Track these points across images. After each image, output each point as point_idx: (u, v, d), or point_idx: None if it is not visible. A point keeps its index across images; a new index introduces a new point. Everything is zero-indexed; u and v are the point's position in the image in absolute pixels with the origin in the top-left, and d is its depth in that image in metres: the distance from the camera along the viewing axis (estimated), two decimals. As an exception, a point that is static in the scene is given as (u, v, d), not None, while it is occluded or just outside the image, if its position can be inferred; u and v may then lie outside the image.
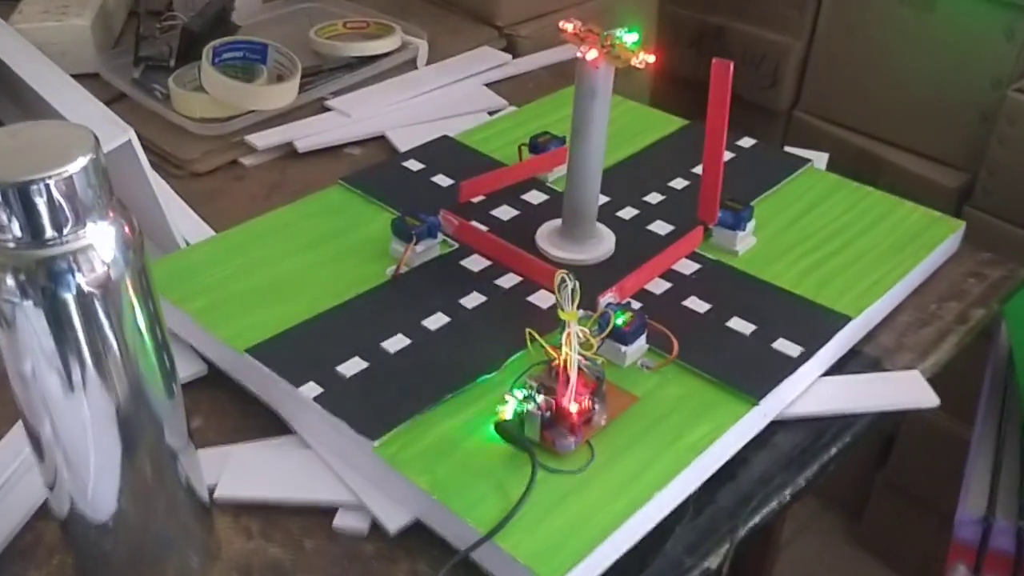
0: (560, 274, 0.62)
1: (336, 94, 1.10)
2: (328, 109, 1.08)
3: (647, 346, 0.70)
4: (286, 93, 1.04)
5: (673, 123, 1.02)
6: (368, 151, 1.04)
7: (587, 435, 0.63)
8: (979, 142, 1.41)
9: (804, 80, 1.58)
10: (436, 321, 0.73)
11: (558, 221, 0.83)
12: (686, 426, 0.65)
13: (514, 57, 1.21)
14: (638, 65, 0.71)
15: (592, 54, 0.71)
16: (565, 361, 0.62)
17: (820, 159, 0.98)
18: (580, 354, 0.62)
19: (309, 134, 1.03)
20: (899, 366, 0.76)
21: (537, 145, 0.91)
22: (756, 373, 0.69)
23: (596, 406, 0.64)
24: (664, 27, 1.55)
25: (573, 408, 0.62)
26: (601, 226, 0.82)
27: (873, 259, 0.82)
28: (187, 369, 0.72)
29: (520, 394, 0.63)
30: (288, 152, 1.03)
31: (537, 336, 0.64)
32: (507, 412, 0.63)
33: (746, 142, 0.99)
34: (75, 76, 0.92)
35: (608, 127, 0.76)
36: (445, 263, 0.80)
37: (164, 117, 1.03)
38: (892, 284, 0.79)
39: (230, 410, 0.71)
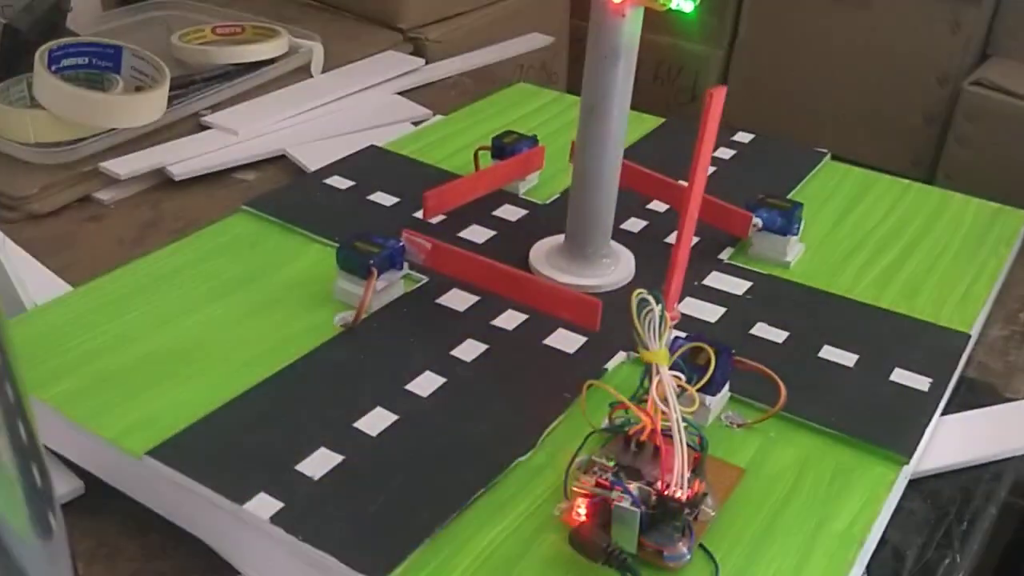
0: (639, 293, 0.41)
1: (214, 109, 0.86)
2: (206, 127, 0.84)
3: (730, 394, 0.50)
4: (152, 105, 0.80)
5: (647, 121, 0.84)
6: (266, 175, 0.81)
7: (699, 534, 0.42)
8: (926, 145, 1.29)
9: (727, 92, 1.44)
10: (426, 383, 0.50)
11: (557, 239, 0.62)
12: (826, 506, 0.45)
13: (426, 63, 1.00)
14: (681, 4, 0.51)
15: (621, -6, 0.51)
16: (660, 425, 0.41)
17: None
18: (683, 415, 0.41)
19: (187, 157, 0.79)
20: (1021, 393, 0.59)
21: (503, 147, 0.70)
22: (889, 419, 0.49)
23: (703, 490, 0.43)
24: (572, 39, 1.38)
25: (684, 496, 0.40)
26: (614, 243, 0.62)
27: (951, 262, 0.65)
28: (51, 489, 0.47)
29: (597, 481, 0.41)
30: (161, 181, 0.78)
31: (608, 389, 0.43)
32: (577, 512, 0.41)
33: (743, 136, 0.81)
34: None
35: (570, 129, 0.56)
36: (416, 302, 0.57)
37: (-14, 144, 0.76)
38: (988, 289, 0.62)
39: (126, 547, 0.46)
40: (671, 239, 0.65)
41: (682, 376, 0.43)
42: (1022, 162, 1.15)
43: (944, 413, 0.54)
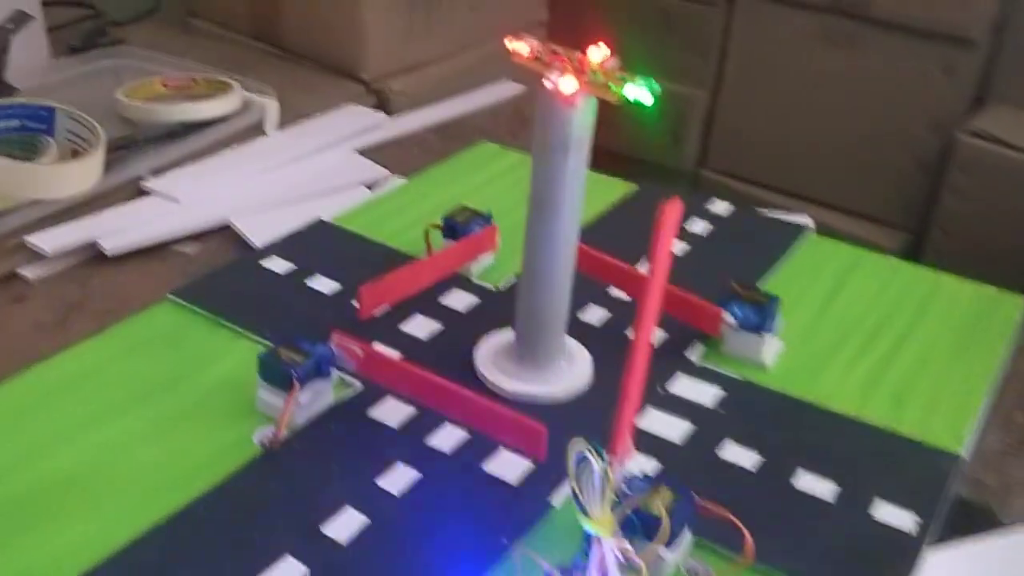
0: (576, 445, 0.36)
1: (157, 172, 0.80)
2: (147, 193, 0.78)
3: (693, 538, 0.44)
4: (86, 173, 0.74)
5: (615, 187, 0.78)
6: (209, 247, 0.75)
7: None
8: (919, 195, 1.23)
9: (711, 134, 1.39)
10: (346, 524, 0.44)
11: (504, 335, 0.56)
12: None
13: (389, 115, 0.95)
14: (639, 96, 0.46)
15: (568, 83, 0.46)
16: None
17: (800, 220, 0.76)
18: (625, 588, 0.36)
19: (121, 228, 0.73)
20: (1019, 514, 0.53)
21: (455, 226, 0.64)
22: (870, 566, 0.44)
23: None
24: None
25: None
26: (570, 341, 0.56)
27: (944, 360, 0.59)
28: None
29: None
30: (92, 256, 0.73)
31: (536, 559, 0.37)
32: None
33: (720, 207, 0.75)
34: None
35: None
36: (347, 415, 0.52)
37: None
38: (982, 395, 0.56)
39: None
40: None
41: (629, 547, 0.37)
42: (1020, 215, 1.10)
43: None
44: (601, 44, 0.49)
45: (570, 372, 0.55)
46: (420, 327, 0.59)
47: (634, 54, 1.32)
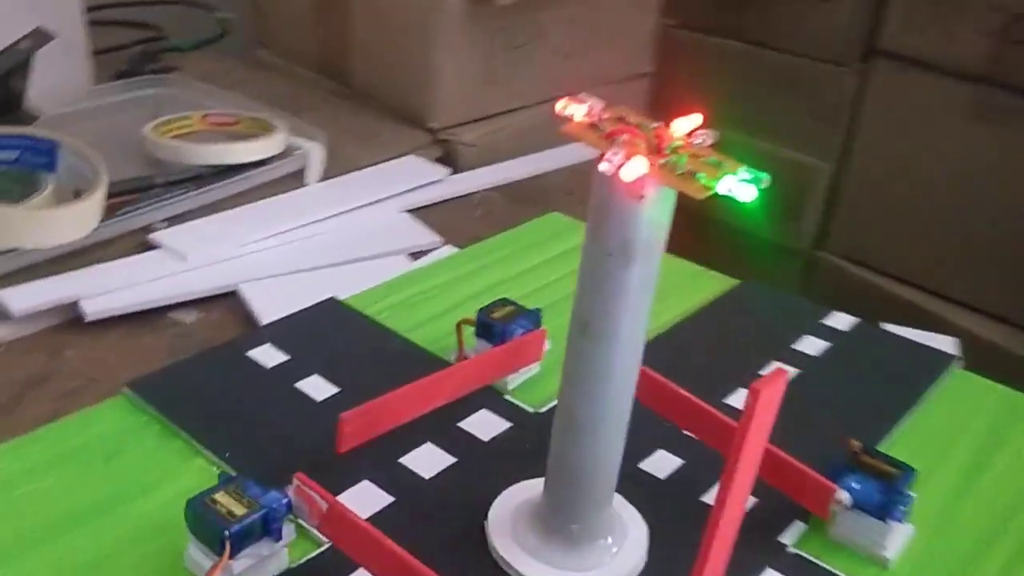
0: None
1: (172, 221, 0.69)
2: (155, 246, 0.67)
3: None
4: (78, 220, 0.63)
5: (707, 282, 0.63)
6: (210, 318, 0.63)
7: None
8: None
9: (833, 212, 1.22)
10: None
11: (534, 487, 0.42)
12: None
13: (453, 172, 0.82)
14: (738, 192, 0.32)
15: (635, 167, 0.32)
16: None
17: (942, 345, 0.60)
18: None
19: (111, 288, 0.62)
20: None
21: (491, 326, 0.50)
22: None
23: None
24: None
25: None
26: (621, 502, 0.42)
27: None
28: None
29: None
30: (72, 319, 0.61)
31: None
32: None
33: (841, 321, 0.59)
34: None
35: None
36: (301, 591, 0.38)
37: None
38: None
39: None
40: (708, 497, 0.44)
41: None
42: None
43: None
44: (694, 115, 0.35)
45: (617, 554, 0.40)
46: (426, 460, 0.45)
47: (750, 116, 1.17)
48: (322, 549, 0.40)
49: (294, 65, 0.99)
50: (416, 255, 0.70)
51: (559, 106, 0.35)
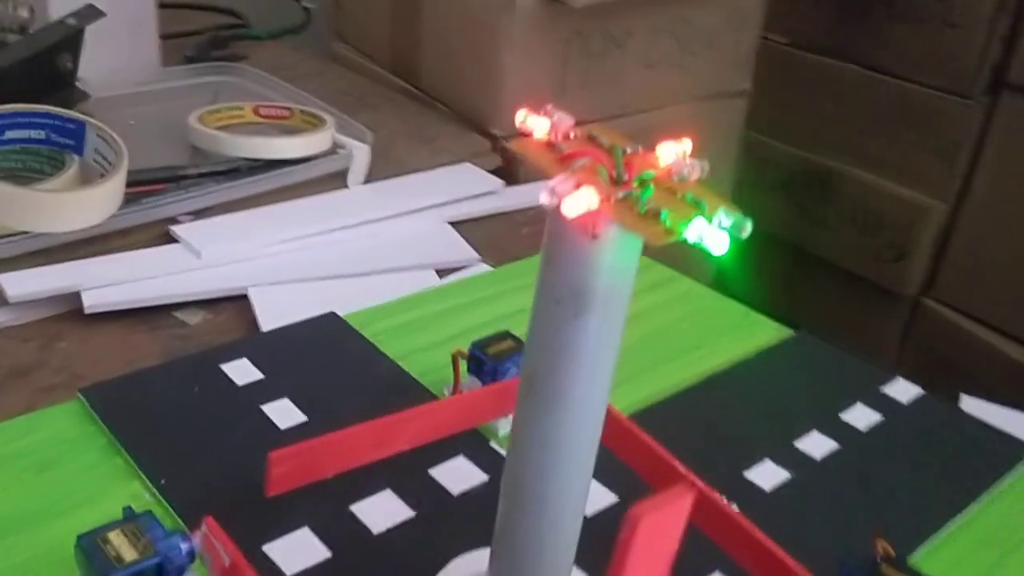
0: None
1: (199, 215, 0.66)
2: (175, 240, 0.64)
3: None
4: (93, 206, 0.60)
5: (763, 329, 0.56)
6: (216, 320, 0.59)
7: None
8: None
9: (944, 257, 1.11)
10: None
11: (484, 560, 0.36)
12: None
13: (507, 183, 0.77)
14: (709, 240, 0.25)
15: (582, 200, 0.26)
16: None
17: (1013, 422, 0.51)
18: None
19: (116, 281, 0.59)
20: None
21: (482, 360, 0.45)
22: None
23: None
24: (746, 162, 1.10)
25: None
26: (581, 587, 0.35)
27: None
28: None
29: None
30: (73, 310, 0.58)
31: None
32: None
33: (903, 390, 0.51)
34: None
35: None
36: (192, 656, 0.33)
37: None
38: None
39: None
40: (701, 591, 0.37)
41: None
42: None
43: None
44: (684, 140, 0.29)
45: (564, 650, 0.34)
46: (380, 510, 0.40)
47: (856, 146, 1.07)
48: (231, 604, 0.35)
49: (367, 61, 0.96)
50: (446, 272, 0.64)
51: (518, 118, 0.30)
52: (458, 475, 0.42)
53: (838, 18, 1.14)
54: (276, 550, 0.37)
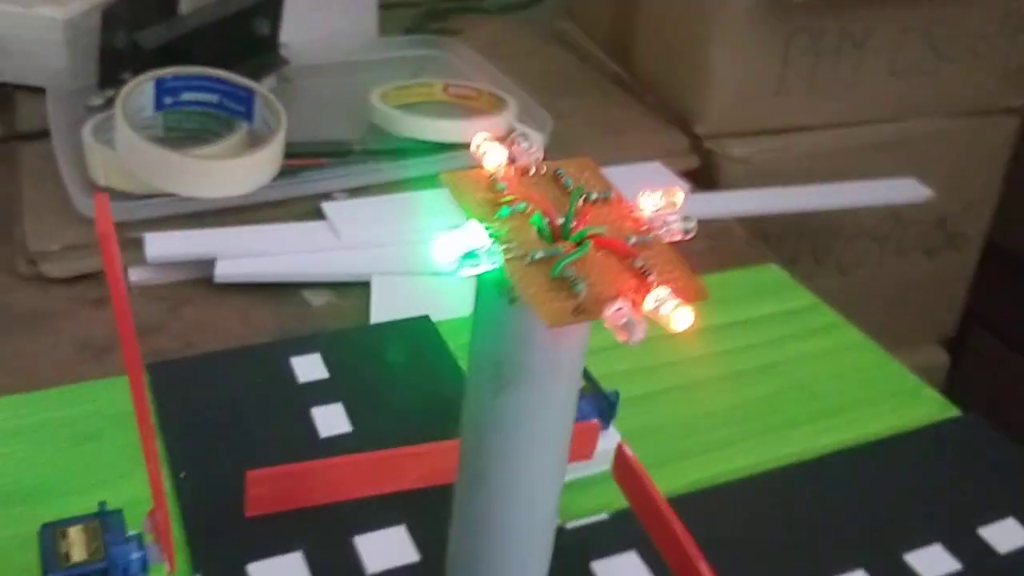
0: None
1: (356, 193, 0.65)
2: (323, 217, 0.63)
3: None
4: (240, 175, 0.61)
5: (923, 405, 0.47)
6: (341, 304, 0.58)
7: None
8: None
9: None
10: None
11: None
12: None
13: (702, 188, 0.70)
14: (674, 320, 0.20)
15: (453, 253, 0.21)
16: None
17: None
18: None
19: (251, 252, 0.59)
20: None
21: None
22: None
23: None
24: (1017, 195, 0.94)
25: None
26: None
27: None
28: None
29: None
30: (206, 276, 0.59)
31: None
32: None
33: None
34: (25, 90, 0.71)
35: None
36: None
37: (59, 176, 0.63)
38: None
39: None
40: None
41: None
42: None
43: None
44: (678, 190, 0.24)
45: None
46: (383, 548, 0.36)
47: None
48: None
49: (588, 43, 0.91)
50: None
51: (474, 142, 0.25)
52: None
53: None
54: (258, 572, 0.35)
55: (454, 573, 0.27)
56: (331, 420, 0.42)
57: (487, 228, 0.21)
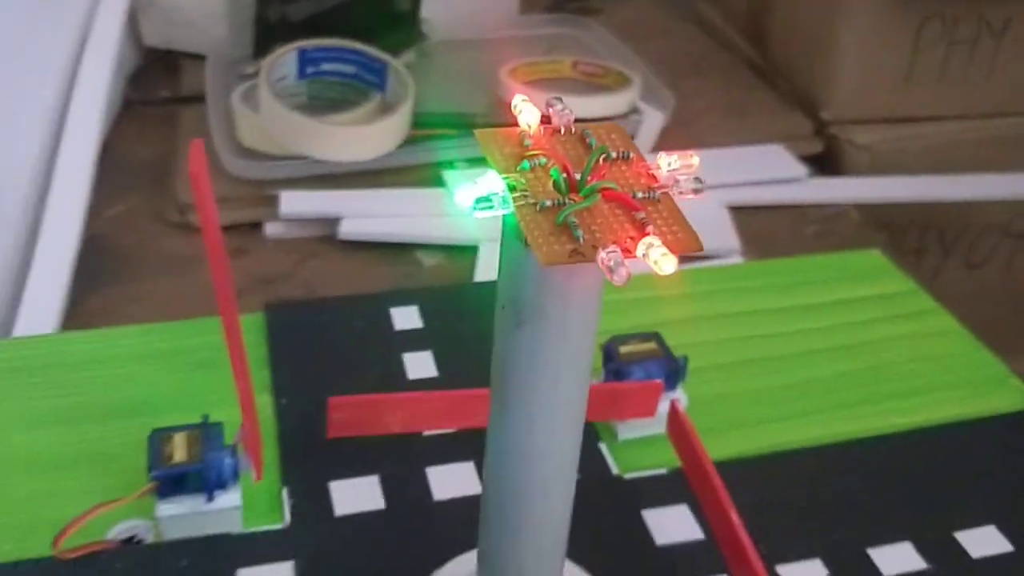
0: None
1: (473, 163, 0.68)
2: (444, 184, 0.67)
3: None
4: (373, 140, 0.65)
5: (1008, 394, 0.47)
6: (447, 266, 0.62)
7: None
8: None
9: None
10: None
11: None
12: None
13: (824, 173, 0.70)
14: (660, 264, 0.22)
15: (473, 195, 0.24)
16: None
17: None
18: None
19: (374, 214, 0.63)
20: None
21: (609, 358, 0.42)
22: None
23: None
24: None
25: None
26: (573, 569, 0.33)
27: None
28: None
29: None
30: (332, 234, 0.64)
31: None
32: None
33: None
34: (190, 57, 0.76)
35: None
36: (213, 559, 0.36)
37: (210, 138, 0.69)
38: None
39: None
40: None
41: None
42: None
43: None
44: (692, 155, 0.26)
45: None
46: (453, 481, 0.40)
47: None
48: (281, 526, 0.37)
49: (726, 25, 0.92)
50: (695, 258, 0.61)
51: (513, 102, 0.27)
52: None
53: None
54: (337, 489, 0.39)
55: (485, 496, 0.30)
56: (420, 365, 0.46)
57: (505, 179, 0.24)
